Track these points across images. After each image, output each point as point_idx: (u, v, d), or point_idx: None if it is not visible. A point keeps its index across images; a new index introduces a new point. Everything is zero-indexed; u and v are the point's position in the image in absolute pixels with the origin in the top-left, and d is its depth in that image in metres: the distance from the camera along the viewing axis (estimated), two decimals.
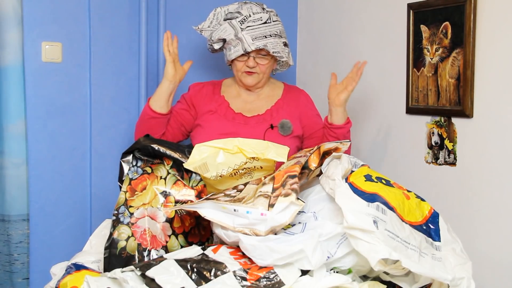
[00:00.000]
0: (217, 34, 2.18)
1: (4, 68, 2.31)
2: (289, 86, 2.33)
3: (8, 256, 2.36)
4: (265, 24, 2.14)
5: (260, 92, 2.25)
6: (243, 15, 2.14)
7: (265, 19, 2.15)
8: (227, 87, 2.27)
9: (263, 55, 2.15)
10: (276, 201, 1.44)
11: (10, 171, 2.34)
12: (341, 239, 1.44)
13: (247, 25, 2.12)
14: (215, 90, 2.25)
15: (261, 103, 2.23)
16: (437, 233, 1.55)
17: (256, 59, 2.14)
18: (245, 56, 2.14)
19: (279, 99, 2.24)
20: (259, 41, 2.10)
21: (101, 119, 2.53)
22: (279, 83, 2.32)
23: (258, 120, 2.18)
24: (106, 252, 1.61)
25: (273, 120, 2.17)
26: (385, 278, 1.47)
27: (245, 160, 1.73)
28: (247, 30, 2.11)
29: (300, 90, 2.33)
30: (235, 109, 2.19)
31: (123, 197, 1.69)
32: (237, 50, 2.12)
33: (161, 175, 1.72)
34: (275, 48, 2.13)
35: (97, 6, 2.49)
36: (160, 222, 1.66)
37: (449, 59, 2.12)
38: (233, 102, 2.22)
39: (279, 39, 2.15)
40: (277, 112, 2.20)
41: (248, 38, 2.10)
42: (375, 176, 1.60)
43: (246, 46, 2.10)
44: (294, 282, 1.36)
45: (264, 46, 2.10)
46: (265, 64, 2.16)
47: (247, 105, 2.22)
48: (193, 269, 1.36)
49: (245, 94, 2.25)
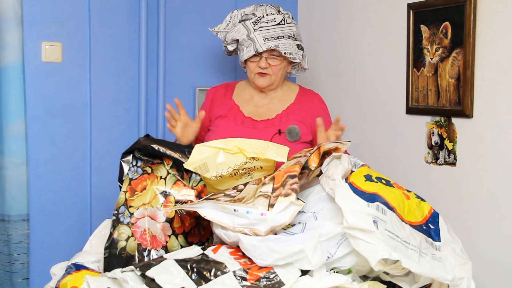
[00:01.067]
0: (231, 35, 2.18)
1: (4, 68, 2.31)
2: (304, 89, 2.28)
3: (8, 256, 2.36)
4: (278, 25, 2.13)
5: (273, 96, 2.22)
6: (257, 16, 2.14)
7: (279, 20, 2.13)
8: (241, 90, 2.25)
9: (275, 56, 2.13)
10: (276, 201, 1.44)
11: (10, 171, 2.34)
12: (341, 239, 1.44)
13: (260, 25, 2.11)
14: (227, 94, 2.23)
15: (273, 107, 2.20)
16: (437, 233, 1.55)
17: (268, 60, 2.12)
18: (257, 57, 2.12)
19: (292, 104, 2.20)
20: (270, 41, 2.09)
21: (101, 119, 2.53)
22: (294, 86, 2.28)
23: (267, 124, 2.15)
24: (106, 252, 1.61)
25: (281, 125, 2.13)
26: (385, 278, 1.47)
27: (245, 160, 1.73)
28: (260, 31, 2.10)
29: (314, 94, 2.27)
30: (245, 113, 2.17)
31: (123, 197, 1.69)
32: (249, 51, 2.11)
33: (161, 175, 1.72)
34: (287, 49, 2.11)
35: (97, 6, 2.49)
36: (160, 222, 1.66)
37: (449, 59, 2.13)
38: (244, 105, 2.20)
39: (293, 41, 2.13)
40: (287, 117, 2.16)
41: (259, 39, 2.09)
42: (375, 176, 1.60)
43: (257, 46, 2.09)
44: (294, 282, 1.36)
45: (276, 46, 2.09)
46: (277, 65, 2.14)
47: (258, 109, 2.20)
48: (193, 269, 1.36)
49: (258, 97, 2.22)
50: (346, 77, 2.66)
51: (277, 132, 2.12)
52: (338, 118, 1.96)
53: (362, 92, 2.57)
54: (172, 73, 2.66)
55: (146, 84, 2.58)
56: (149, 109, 2.60)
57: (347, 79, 2.66)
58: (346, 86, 2.67)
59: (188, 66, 2.69)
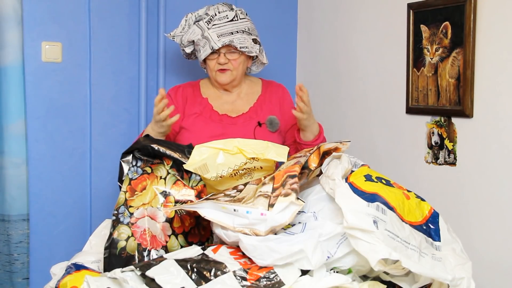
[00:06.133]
0: (186, 37, 2.20)
1: (4, 68, 2.31)
2: (267, 81, 2.32)
3: (8, 256, 2.36)
4: (231, 21, 2.15)
5: (238, 91, 2.25)
6: (209, 15, 2.16)
7: (231, 16, 2.16)
8: (206, 89, 2.27)
9: (232, 51, 2.15)
10: (276, 201, 1.44)
11: (10, 171, 2.34)
12: (341, 239, 1.44)
13: (213, 23, 2.14)
14: (195, 92, 2.24)
15: (243, 102, 2.23)
16: (437, 233, 1.55)
17: (226, 55, 2.15)
18: (215, 54, 2.15)
19: (260, 95, 2.25)
20: (225, 37, 2.12)
21: (101, 119, 2.53)
22: (256, 79, 2.32)
23: (245, 119, 2.18)
24: (106, 252, 1.61)
25: (258, 118, 2.18)
26: (385, 278, 1.47)
27: (245, 161, 1.73)
28: (213, 29, 2.13)
29: (278, 84, 2.32)
30: (219, 111, 2.19)
31: (123, 197, 1.69)
32: (205, 50, 2.13)
33: (161, 175, 1.72)
34: (242, 43, 2.13)
35: (97, 6, 2.49)
36: (160, 222, 1.66)
37: (449, 59, 2.13)
38: (215, 104, 2.22)
39: (248, 35, 2.16)
40: (261, 109, 2.21)
41: (213, 36, 2.12)
42: (375, 176, 1.60)
43: (212, 44, 2.11)
44: (294, 282, 1.36)
45: (230, 42, 2.11)
46: (236, 59, 2.16)
47: (229, 105, 2.22)
48: (193, 269, 1.36)
49: (224, 95, 2.25)
50: (346, 77, 2.66)
51: (257, 124, 2.15)
52: (298, 86, 2.01)
53: (362, 92, 2.57)
54: (172, 73, 2.66)
55: (146, 84, 2.58)
56: (149, 109, 2.60)
57: (347, 79, 2.66)
58: (346, 86, 2.67)
59: (188, 66, 2.69)
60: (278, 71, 2.75)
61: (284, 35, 2.91)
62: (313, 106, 2.08)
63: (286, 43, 2.92)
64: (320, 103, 2.78)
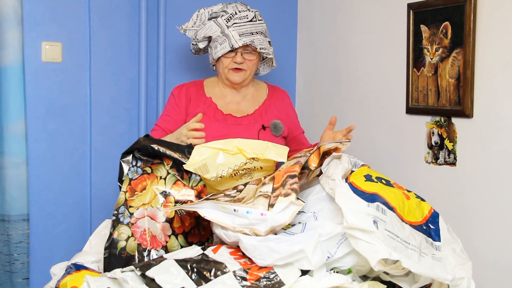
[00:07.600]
0: (202, 33, 2.19)
1: (4, 68, 2.31)
2: (272, 86, 2.33)
3: (8, 256, 2.36)
4: (251, 22, 2.15)
5: (245, 92, 2.25)
6: (228, 13, 2.16)
7: (251, 17, 2.17)
8: (210, 88, 2.25)
9: (249, 52, 2.16)
10: (276, 201, 1.44)
11: (10, 171, 2.34)
12: (341, 239, 1.44)
13: (234, 22, 2.14)
14: (199, 92, 2.23)
15: (248, 103, 2.23)
16: (437, 233, 1.55)
17: (243, 55, 2.15)
18: (232, 53, 2.15)
19: (266, 99, 2.25)
20: (246, 37, 2.12)
21: (101, 119, 2.53)
22: (262, 83, 2.33)
23: (250, 120, 2.18)
24: (106, 252, 1.61)
25: (263, 121, 2.19)
26: (385, 278, 1.47)
27: (245, 161, 1.73)
28: (234, 27, 2.13)
29: (283, 90, 2.33)
30: (223, 111, 2.19)
31: (123, 197, 1.69)
32: (224, 47, 2.13)
33: (161, 175, 1.72)
34: (262, 44, 2.15)
35: (97, 6, 2.49)
36: (160, 222, 1.66)
37: (449, 59, 2.13)
38: (219, 103, 2.21)
39: (264, 37, 2.18)
40: (265, 112, 2.21)
41: (235, 34, 2.12)
42: (375, 176, 1.60)
43: (233, 42, 2.11)
44: (294, 282, 1.36)
45: (251, 42, 2.12)
46: (252, 60, 2.17)
47: (234, 105, 2.22)
48: (193, 269, 1.36)
49: (230, 94, 2.24)
50: (346, 77, 2.66)
51: (261, 127, 2.16)
52: (351, 127, 2.04)
53: (362, 92, 2.57)
54: (172, 73, 2.66)
55: (146, 84, 2.58)
56: (149, 109, 2.60)
57: (347, 79, 2.66)
58: (346, 86, 2.67)
59: (188, 66, 2.69)
60: (278, 71, 2.75)
61: (284, 35, 2.91)
62: (313, 106, 2.08)
63: (286, 43, 2.92)
64: (320, 103, 2.79)
